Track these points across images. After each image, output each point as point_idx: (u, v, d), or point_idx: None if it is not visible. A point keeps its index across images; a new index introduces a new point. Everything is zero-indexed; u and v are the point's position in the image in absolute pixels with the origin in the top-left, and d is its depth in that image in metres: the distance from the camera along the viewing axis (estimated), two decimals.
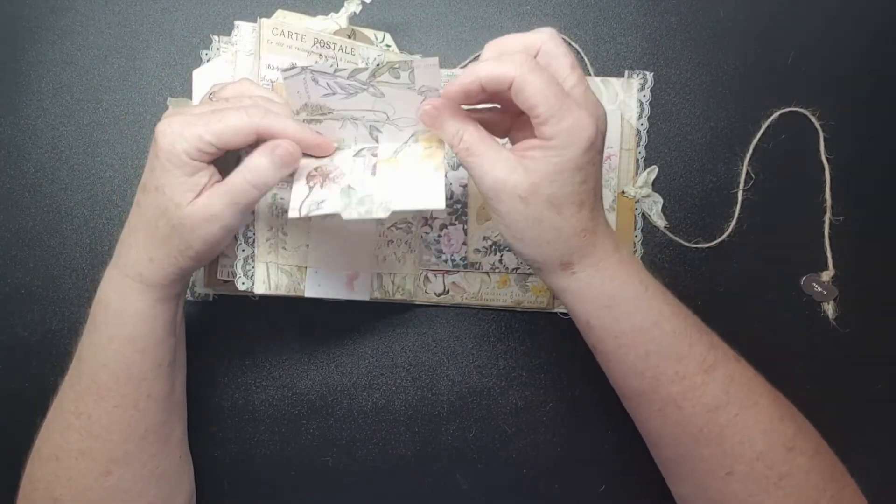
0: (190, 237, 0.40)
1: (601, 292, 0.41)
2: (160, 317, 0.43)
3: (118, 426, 0.43)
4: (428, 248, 0.54)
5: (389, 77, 0.40)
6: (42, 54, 0.57)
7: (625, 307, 0.41)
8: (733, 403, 0.41)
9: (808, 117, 0.55)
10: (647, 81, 0.56)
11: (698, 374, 0.41)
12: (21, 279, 0.55)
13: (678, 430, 0.42)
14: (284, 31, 0.46)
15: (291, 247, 0.47)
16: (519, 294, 0.54)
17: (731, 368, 0.42)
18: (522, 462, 0.55)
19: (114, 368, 0.42)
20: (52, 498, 0.43)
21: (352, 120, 0.42)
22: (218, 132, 0.39)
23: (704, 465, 0.42)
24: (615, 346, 0.42)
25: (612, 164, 0.54)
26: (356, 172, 0.42)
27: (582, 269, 0.40)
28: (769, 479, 0.40)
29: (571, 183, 0.38)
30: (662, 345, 0.41)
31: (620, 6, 0.57)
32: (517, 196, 0.38)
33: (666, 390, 0.41)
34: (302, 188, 0.41)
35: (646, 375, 0.41)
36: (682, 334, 0.41)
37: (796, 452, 0.41)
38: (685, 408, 0.41)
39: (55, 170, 0.56)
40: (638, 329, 0.41)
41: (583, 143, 0.38)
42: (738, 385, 0.41)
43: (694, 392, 0.41)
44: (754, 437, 0.41)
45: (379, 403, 0.55)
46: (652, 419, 0.43)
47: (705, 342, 0.42)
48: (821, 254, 0.55)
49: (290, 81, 0.40)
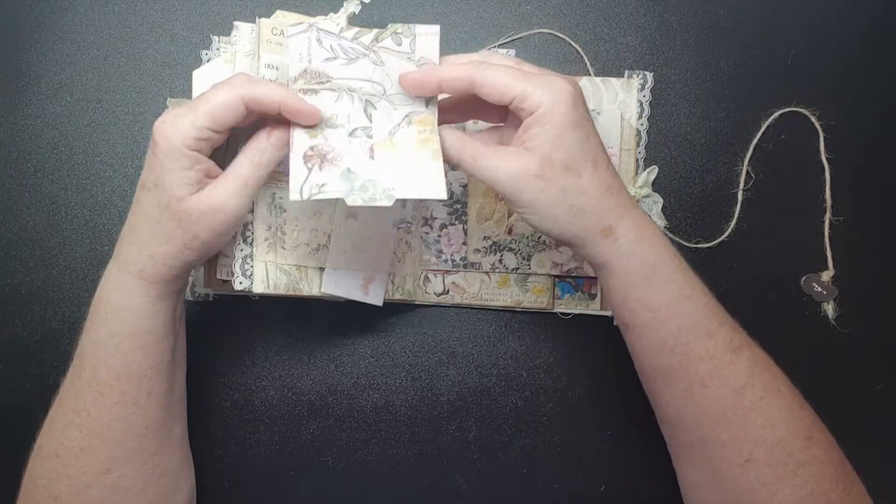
0: (196, 228, 0.40)
1: (643, 261, 0.40)
2: (161, 314, 0.43)
3: (118, 423, 0.43)
4: (428, 248, 0.54)
5: (391, 43, 0.40)
6: (42, 54, 0.57)
7: (663, 276, 0.40)
8: (758, 386, 0.41)
9: (808, 117, 0.55)
10: (647, 81, 0.56)
11: (727, 353, 0.40)
12: (21, 279, 0.55)
13: (701, 411, 0.41)
14: (284, 31, 0.46)
15: (290, 246, 0.47)
16: (519, 294, 0.54)
17: (755, 352, 0.42)
18: (522, 462, 0.55)
19: (114, 365, 0.42)
20: (53, 496, 0.43)
21: (348, 91, 0.42)
22: (208, 113, 0.39)
23: (722, 451, 0.41)
24: (649, 319, 0.41)
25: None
26: (354, 154, 0.41)
27: (623, 232, 0.40)
28: (787, 467, 0.40)
29: (576, 140, 0.39)
30: (695, 319, 0.41)
31: (620, 6, 0.57)
32: (533, 176, 0.39)
33: (695, 367, 0.41)
34: (300, 168, 0.41)
35: (676, 352, 0.41)
36: (714, 310, 0.41)
37: (814, 442, 0.41)
38: (711, 387, 0.40)
39: (55, 170, 0.56)
40: (674, 301, 0.40)
41: (568, 99, 0.38)
42: (762, 368, 0.41)
43: (721, 371, 0.40)
44: (777, 422, 0.40)
45: (379, 403, 0.55)
46: (675, 400, 0.42)
47: (731, 323, 0.42)
48: (821, 254, 0.55)
49: (295, 40, 0.40)
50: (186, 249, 0.41)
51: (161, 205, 0.40)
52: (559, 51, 0.56)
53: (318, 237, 0.48)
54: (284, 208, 0.47)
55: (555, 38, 0.57)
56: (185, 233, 0.40)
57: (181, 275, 0.43)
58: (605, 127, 0.54)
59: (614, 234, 0.40)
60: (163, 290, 0.43)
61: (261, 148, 0.41)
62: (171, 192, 0.40)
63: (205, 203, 0.40)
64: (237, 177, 0.41)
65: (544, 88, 0.38)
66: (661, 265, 0.40)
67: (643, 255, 0.40)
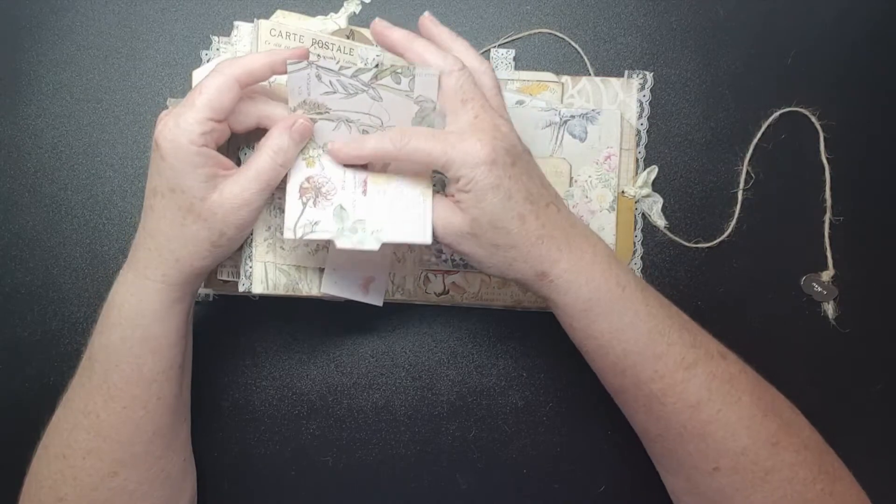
0: (222, 226, 0.41)
1: (577, 297, 0.42)
2: (175, 318, 0.43)
3: (127, 427, 0.43)
4: (428, 247, 0.54)
5: (391, 81, 0.40)
6: (42, 54, 0.57)
7: (600, 309, 0.42)
8: (715, 399, 0.41)
9: (808, 117, 0.55)
10: (647, 81, 0.56)
11: (678, 372, 0.42)
12: (21, 279, 0.55)
13: (662, 425, 0.43)
14: (282, 31, 0.46)
15: (289, 246, 0.47)
16: (519, 294, 0.54)
17: (714, 366, 0.42)
18: (522, 462, 0.55)
19: (126, 369, 0.43)
20: (58, 497, 0.43)
21: (346, 122, 0.43)
22: (206, 103, 0.39)
23: (691, 460, 0.42)
24: (595, 347, 0.43)
25: (612, 164, 0.54)
26: (347, 189, 0.43)
27: (557, 275, 0.42)
28: (755, 474, 0.41)
29: (497, 203, 0.40)
30: (639, 344, 0.42)
31: (620, 6, 0.57)
32: (467, 234, 0.41)
33: (647, 387, 0.42)
34: (295, 203, 0.42)
35: (626, 374, 0.43)
36: (660, 333, 0.42)
37: (781, 447, 0.41)
38: (667, 404, 0.42)
39: (55, 170, 0.56)
40: (615, 330, 0.42)
41: (481, 165, 0.39)
42: (721, 382, 0.42)
43: (674, 389, 0.42)
44: (738, 432, 0.41)
45: (379, 403, 0.55)
46: (638, 414, 0.44)
47: (686, 341, 0.42)
48: (821, 254, 0.55)
49: (294, 76, 0.40)
50: (213, 247, 0.42)
51: (182, 208, 0.40)
52: (559, 51, 0.56)
53: None
54: (283, 209, 0.47)
55: (555, 38, 0.57)
56: (212, 231, 0.41)
57: (203, 274, 0.44)
58: (605, 127, 0.54)
59: (548, 276, 0.42)
60: (182, 293, 0.43)
61: (284, 146, 0.41)
62: (190, 193, 0.40)
63: (230, 200, 0.41)
64: (259, 173, 0.41)
65: (460, 156, 0.39)
66: (596, 299, 0.42)
67: (578, 293, 0.42)
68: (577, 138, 0.54)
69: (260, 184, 0.41)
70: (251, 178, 0.41)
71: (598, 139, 0.54)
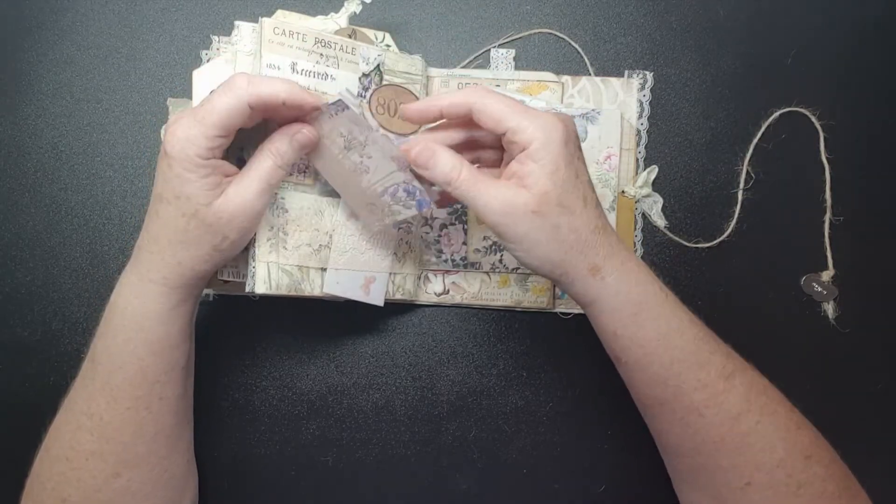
0: (226, 230, 0.41)
1: (629, 299, 0.41)
2: (178, 320, 0.43)
3: (130, 428, 0.43)
4: (428, 248, 0.54)
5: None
6: (42, 54, 0.57)
7: (650, 313, 0.41)
8: (754, 411, 0.41)
9: (808, 117, 0.56)
10: (647, 81, 0.56)
11: (720, 382, 0.41)
12: (21, 279, 0.55)
13: (699, 438, 0.41)
14: (286, 30, 0.46)
15: (292, 246, 0.47)
16: (519, 294, 0.54)
17: (749, 376, 0.42)
18: (522, 462, 0.55)
19: (128, 371, 0.43)
20: (61, 498, 0.43)
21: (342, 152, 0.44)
22: (215, 123, 0.39)
23: (723, 476, 0.41)
24: (640, 355, 0.41)
25: (612, 163, 0.54)
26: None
27: (610, 271, 0.40)
28: (788, 488, 0.40)
29: (570, 178, 0.39)
30: (685, 352, 0.41)
31: (620, 6, 0.57)
32: (530, 212, 0.39)
33: (689, 398, 0.41)
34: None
35: (669, 384, 0.41)
36: (703, 341, 0.41)
37: (813, 461, 0.41)
38: (707, 416, 0.41)
39: (55, 170, 0.56)
40: (663, 336, 0.41)
41: (560, 136, 0.39)
42: (757, 393, 0.41)
43: (716, 399, 0.41)
44: (775, 444, 0.40)
45: (379, 403, 0.55)
46: (673, 428, 0.43)
47: (723, 350, 0.42)
48: (821, 254, 0.55)
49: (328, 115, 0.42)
50: (216, 251, 0.42)
51: (187, 214, 0.41)
52: (559, 51, 0.56)
53: (319, 237, 0.48)
54: (286, 209, 0.47)
55: (555, 38, 0.57)
56: (215, 236, 0.41)
57: (205, 277, 0.44)
58: (605, 127, 0.54)
59: (601, 272, 0.40)
60: (184, 296, 0.43)
61: (283, 151, 0.42)
62: (195, 201, 0.40)
63: (233, 205, 0.41)
64: (261, 177, 0.42)
65: (538, 125, 0.39)
66: (646, 302, 0.41)
67: (629, 294, 0.41)
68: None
69: (260, 185, 0.42)
70: (252, 179, 0.42)
71: (598, 139, 0.54)
